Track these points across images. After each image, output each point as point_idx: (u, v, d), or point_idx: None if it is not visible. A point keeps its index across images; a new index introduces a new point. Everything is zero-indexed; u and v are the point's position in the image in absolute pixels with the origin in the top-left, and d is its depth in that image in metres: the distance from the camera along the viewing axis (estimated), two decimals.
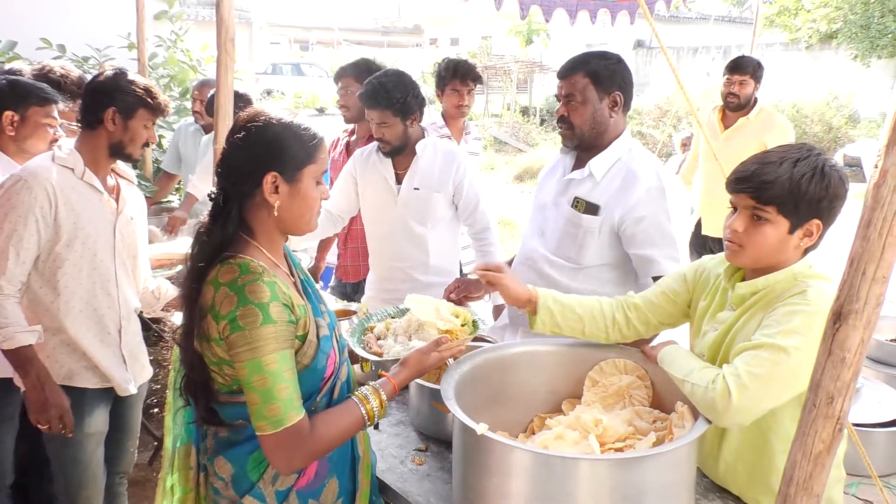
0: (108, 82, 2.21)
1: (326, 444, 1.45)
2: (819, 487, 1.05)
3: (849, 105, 14.85)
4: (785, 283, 1.55)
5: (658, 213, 2.16)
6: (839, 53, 16.73)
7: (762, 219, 1.53)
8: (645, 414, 1.72)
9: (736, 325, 1.62)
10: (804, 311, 1.46)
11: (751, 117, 4.30)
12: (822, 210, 1.51)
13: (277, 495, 1.51)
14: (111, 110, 2.19)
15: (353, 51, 24.23)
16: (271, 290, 1.38)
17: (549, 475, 1.38)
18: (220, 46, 2.15)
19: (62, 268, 2.16)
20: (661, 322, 1.86)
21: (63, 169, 2.17)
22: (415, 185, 2.81)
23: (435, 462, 1.86)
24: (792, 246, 1.55)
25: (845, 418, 1.03)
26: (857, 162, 11.27)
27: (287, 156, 1.46)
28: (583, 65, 2.19)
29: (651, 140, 13.65)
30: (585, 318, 1.82)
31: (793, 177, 1.48)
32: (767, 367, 1.43)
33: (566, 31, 8.41)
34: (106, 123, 2.19)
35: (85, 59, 4.56)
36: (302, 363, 1.46)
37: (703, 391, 1.46)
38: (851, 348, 0.99)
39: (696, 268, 1.83)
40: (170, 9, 5.08)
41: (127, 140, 2.24)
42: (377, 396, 1.52)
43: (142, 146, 2.29)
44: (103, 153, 2.24)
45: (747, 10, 21.91)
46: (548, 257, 2.32)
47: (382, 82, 2.68)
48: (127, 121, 2.21)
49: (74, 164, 2.19)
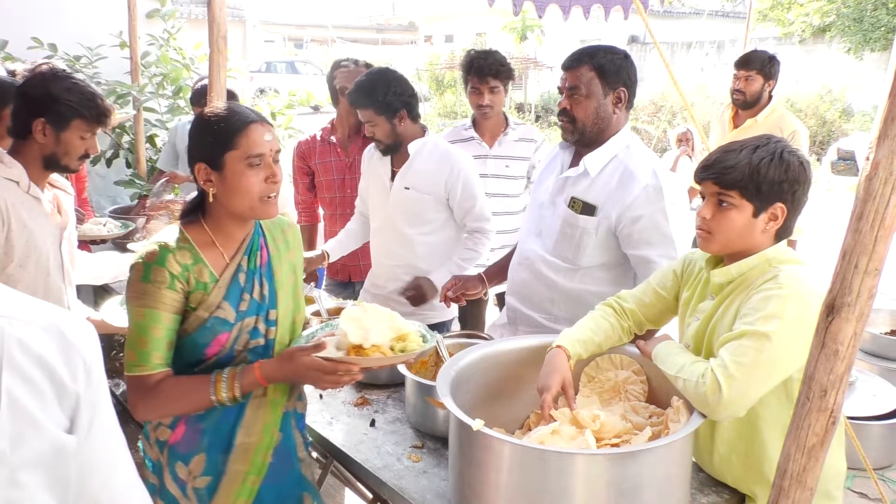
0: (37, 89, 1.95)
1: (168, 406, 1.59)
2: (813, 480, 1.05)
3: (842, 99, 14.87)
4: (759, 269, 1.61)
5: (655, 212, 2.11)
6: (832, 47, 16.74)
7: (726, 203, 1.59)
8: (641, 409, 1.73)
9: (715, 314, 1.65)
10: (777, 296, 1.50)
11: (759, 120, 4.01)
12: (785, 193, 1.57)
13: (157, 444, 1.69)
14: (40, 121, 1.95)
15: (348, 48, 24.20)
16: (161, 256, 1.56)
17: (545, 470, 1.38)
18: (212, 44, 2.13)
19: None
20: (652, 322, 1.89)
21: (8, 182, 1.95)
22: (405, 185, 2.78)
23: (431, 459, 1.86)
24: (759, 230, 1.60)
25: (839, 411, 1.03)
26: (850, 155, 11.29)
27: (206, 147, 1.61)
28: (589, 57, 2.14)
29: (646, 136, 13.66)
30: (604, 344, 1.83)
31: (752, 161, 1.56)
32: (752, 355, 1.45)
33: (560, 27, 8.40)
34: (35, 135, 1.97)
35: (77, 59, 4.53)
36: (186, 330, 1.61)
37: (694, 386, 1.48)
38: (844, 341, 0.99)
39: (684, 260, 1.86)
40: (162, 7, 5.05)
41: (61, 153, 2.01)
42: (231, 389, 1.56)
43: (80, 158, 2.06)
44: (37, 165, 2.02)
45: (740, 5, 21.92)
46: (545, 258, 2.30)
47: (363, 82, 2.66)
48: (59, 133, 1.98)
49: (19, 176, 1.98)
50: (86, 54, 4.58)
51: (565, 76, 2.18)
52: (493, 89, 3.30)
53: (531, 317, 2.36)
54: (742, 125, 4.11)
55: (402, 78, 2.72)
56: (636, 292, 1.90)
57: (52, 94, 1.94)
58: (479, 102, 3.33)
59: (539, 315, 2.34)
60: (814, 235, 6.80)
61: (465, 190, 2.76)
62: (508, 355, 1.87)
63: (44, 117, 1.94)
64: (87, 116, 1.98)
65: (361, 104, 2.66)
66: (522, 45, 20.94)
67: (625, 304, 1.88)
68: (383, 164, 2.83)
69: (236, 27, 21.74)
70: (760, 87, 4.01)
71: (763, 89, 4.03)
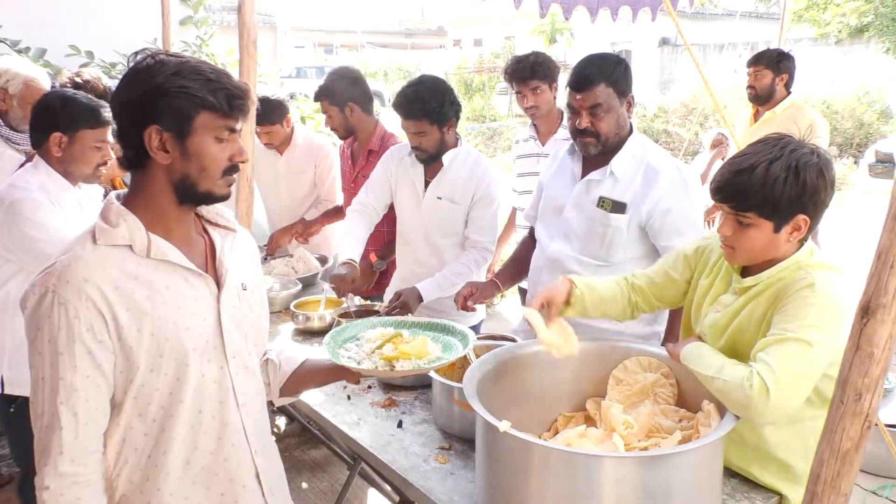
0: (137, 88, 1.27)
1: None
2: (847, 486, 1.03)
3: (880, 100, 14.52)
4: (789, 272, 1.59)
5: (684, 204, 2.21)
6: (870, 47, 16.38)
7: (745, 224, 1.57)
8: (670, 412, 1.70)
9: (743, 311, 1.63)
10: (815, 304, 1.49)
11: (777, 111, 4.17)
12: (805, 205, 1.53)
13: None
14: (153, 129, 1.27)
15: (377, 53, 24.37)
16: None
17: (572, 473, 1.37)
18: (242, 49, 2.17)
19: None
20: (662, 302, 1.92)
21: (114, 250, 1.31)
22: (438, 195, 2.80)
23: (458, 461, 1.86)
24: (782, 241, 1.58)
25: (874, 415, 1.00)
26: (889, 158, 11.03)
27: None
28: (601, 74, 2.17)
29: (677, 138, 13.51)
30: (608, 299, 1.88)
31: (766, 182, 1.50)
32: (797, 361, 1.44)
33: (589, 29, 8.37)
34: (154, 153, 1.29)
35: (113, 65, 4.63)
36: None
37: (738, 388, 1.44)
38: (880, 343, 0.97)
39: (698, 245, 1.86)
40: (195, 14, 5.15)
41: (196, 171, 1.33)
42: None
43: (225, 173, 1.35)
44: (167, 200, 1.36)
45: (774, 6, 21.59)
46: (577, 258, 2.33)
47: (418, 91, 2.65)
48: (184, 140, 1.29)
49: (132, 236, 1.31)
50: (121, 61, 4.68)
51: (581, 96, 2.19)
52: (534, 90, 3.28)
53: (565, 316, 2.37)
54: (762, 118, 4.26)
55: (451, 87, 2.76)
56: (648, 272, 1.93)
57: (160, 86, 1.26)
58: (524, 105, 3.36)
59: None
60: (851, 240, 6.66)
61: (483, 199, 2.77)
62: (535, 357, 1.85)
63: (156, 123, 1.27)
64: (216, 105, 1.29)
65: (416, 115, 2.65)
66: (552, 49, 20.90)
67: (636, 281, 1.92)
68: (417, 172, 2.85)
69: (267, 33, 21.98)
70: (771, 81, 4.16)
71: (774, 83, 4.17)
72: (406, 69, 20.90)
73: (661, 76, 19.70)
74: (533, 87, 3.27)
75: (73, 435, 1.24)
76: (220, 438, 1.39)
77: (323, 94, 3.26)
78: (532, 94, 3.28)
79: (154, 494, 1.34)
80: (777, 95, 4.19)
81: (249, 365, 1.47)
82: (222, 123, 1.30)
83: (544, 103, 3.33)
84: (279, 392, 1.64)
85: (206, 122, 1.28)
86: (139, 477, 1.34)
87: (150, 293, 1.29)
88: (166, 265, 1.33)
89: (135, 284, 1.28)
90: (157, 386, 1.31)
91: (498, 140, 15.84)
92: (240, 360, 1.43)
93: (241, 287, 1.45)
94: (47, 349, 1.24)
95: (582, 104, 2.19)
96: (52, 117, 2.23)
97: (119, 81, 1.31)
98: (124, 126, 1.30)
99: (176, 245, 1.34)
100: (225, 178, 1.34)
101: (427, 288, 2.69)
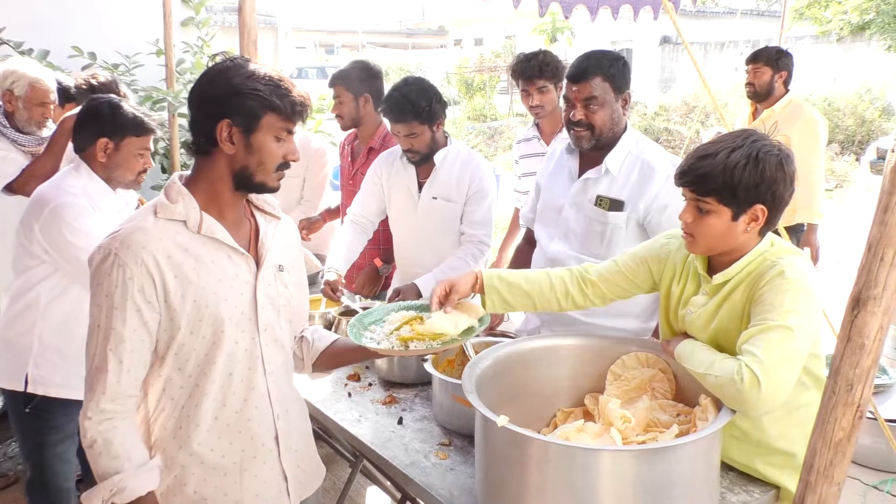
0: (217, 86, 1.46)
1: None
2: (840, 475, 1.04)
3: (882, 97, 14.48)
4: (755, 264, 1.62)
5: (680, 199, 2.18)
6: (872, 45, 16.35)
7: (705, 210, 1.60)
8: (668, 407, 1.72)
9: (721, 311, 1.66)
10: (790, 290, 1.52)
11: (775, 109, 4.16)
12: (763, 195, 1.56)
13: None
14: (225, 123, 1.45)
15: (378, 53, 24.37)
16: None
17: (571, 467, 1.38)
18: (242, 49, 2.17)
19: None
20: (616, 297, 1.93)
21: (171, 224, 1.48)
22: (433, 195, 2.81)
23: (458, 456, 1.88)
24: (740, 231, 1.61)
25: (865, 405, 1.02)
26: None
27: None
28: (599, 67, 2.19)
29: (678, 137, 13.50)
30: (534, 294, 1.90)
31: (726, 167, 1.55)
32: (782, 347, 1.46)
33: (590, 28, 8.37)
34: (222, 144, 1.46)
35: (115, 66, 4.65)
36: None
37: (729, 383, 1.46)
38: (870, 335, 0.98)
39: (656, 250, 1.88)
40: (196, 15, 5.16)
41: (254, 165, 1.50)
42: None
43: (278, 169, 1.52)
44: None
45: (776, 4, 21.57)
46: (577, 257, 2.34)
47: (405, 94, 2.66)
48: (250, 136, 1.47)
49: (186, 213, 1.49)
50: (124, 62, 4.70)
51: (578, 88, 2.21)
52: (541, 89, 3.29)
53: (568, 314, 2.37)
54: (760, 117, 4.25)
55: (435, 86, 2.76)
56: (601, 268, 1.94)
57: (236, 87, 1.43)
58: (529, 104, 3.35)
59: (576, 311, 2.36)
60: (853, 236, 6.67)
61: (477, 193, 2.79)
62: (534, 354, 1.87)
63: (228, 118, 1.44)
64: (281, 109, 1.45)
65: (407, 118, 2.66)
66: (552, 48, 20.88)
67: (587, 276, 1.92)
68: (409, 175, 2.86)
69: (268, 34, 22.05)
70: (769, 78, 4.15)
71: (773, 80, 4.16)
72: (407, 69, 20.88)
73: (662, 74, 19.68)
74: (540, 87, 3.27)
75: (116, 379, 1.42)
76: (246, 400, 1.54)
77: (340, 79, 3.23)
78: (538, 93, 3.29)
79: (184, 441, 1.51)
80: (776, 93, 4.18)
81: (280, 338, 1.61)
82: (283, 125, 1.47)
83: (549, 103, 3.34)
84: (312, 367, 1.80)
85: (270, 122, 1.45)
86: (173, 424, 1.51)
87: (196, 265, 1.46)
88: (213, 242, 1.49)
89: (184, 256, 1.45)
90: (195, 346, 1.48)
91: (499, 139, 15.83)
92: (270, 333, 1.58)
93: (279, 268, 1.61)
94: (105, 302, 1.41)
95: (577, 96, 2.22)
96: (99, 123, 2.29)
97: (198, 78, 1.47)
98: (200, 117, 1.47)
99: (225, 226, 1.51)
100: (277, 172, 1.52)
101: (425, 283, 2.71)
